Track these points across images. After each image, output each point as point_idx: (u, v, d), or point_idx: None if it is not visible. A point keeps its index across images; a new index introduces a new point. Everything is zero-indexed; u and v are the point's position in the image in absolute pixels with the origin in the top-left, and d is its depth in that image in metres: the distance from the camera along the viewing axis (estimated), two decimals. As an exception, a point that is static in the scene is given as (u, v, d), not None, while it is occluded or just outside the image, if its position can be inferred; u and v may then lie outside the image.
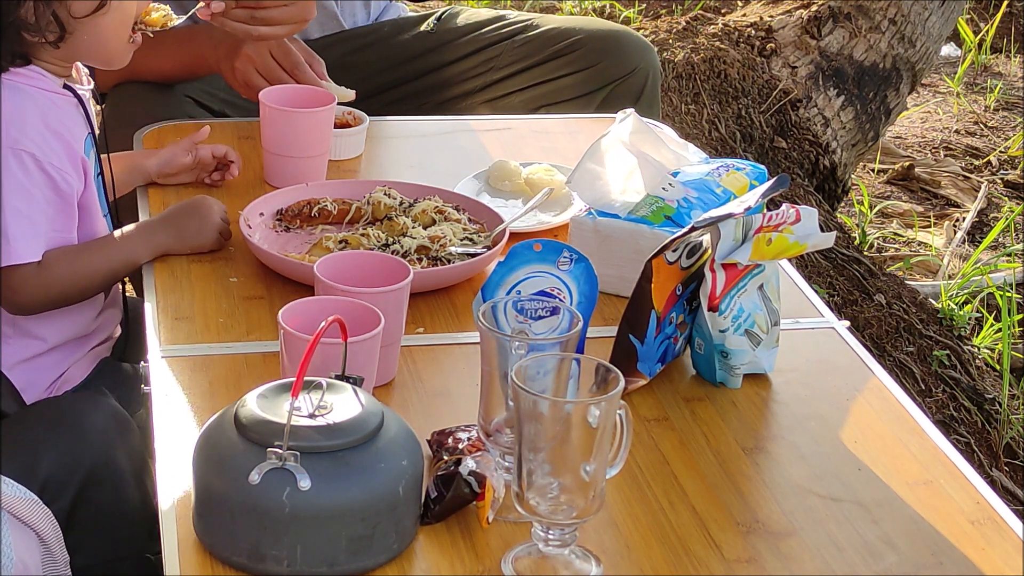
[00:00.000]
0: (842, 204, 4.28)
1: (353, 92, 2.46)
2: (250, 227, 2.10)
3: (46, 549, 1.74)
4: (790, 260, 2.10)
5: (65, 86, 2.02)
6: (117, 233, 2.07)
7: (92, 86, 2.09)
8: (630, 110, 2.14)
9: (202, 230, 2.07)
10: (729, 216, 1.77)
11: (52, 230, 1.98)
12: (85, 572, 1.87)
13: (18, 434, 1.88)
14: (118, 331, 2.19)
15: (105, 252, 2.04)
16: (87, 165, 2.02)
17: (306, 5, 2.36)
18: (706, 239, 1.81)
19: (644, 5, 5.38)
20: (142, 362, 2.08)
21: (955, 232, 4.32)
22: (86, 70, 2.11)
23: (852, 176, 4.21)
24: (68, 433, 1.87)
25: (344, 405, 1.48)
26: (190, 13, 2.38)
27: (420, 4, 2.93)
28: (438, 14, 2.88)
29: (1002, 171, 4.77)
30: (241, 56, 2.47)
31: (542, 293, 1.70)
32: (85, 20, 1.95)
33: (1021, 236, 4.31)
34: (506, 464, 1.55)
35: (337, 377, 1.54)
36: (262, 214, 2.16)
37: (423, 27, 2.85)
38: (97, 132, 2.09)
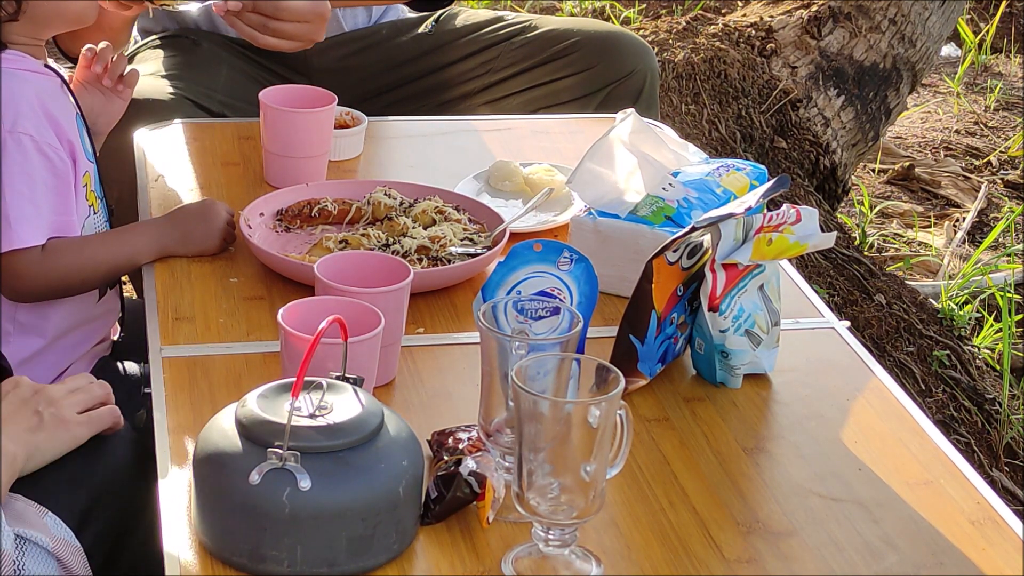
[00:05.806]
0: (842, 204, 4.28)
1: None
2: (250, 227, 2.10)
3: None
4: (790, 260, 2.10)
5: (46, 66, 2.03)
6: (123, 229, 2.07)
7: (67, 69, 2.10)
8: (630, 110, 2.14)
9: (208, 235, 2.07)
10: (729, 216, 1.77)
11: (54, 213, 1.98)
12: None
13: (54, 467, 1.73)
14: (117, 332, 2.18)
15: (110, 246, 2.04)
16: (75, 148, 2.02)
17: (318, 28, 2.40)
18: (707, 239, 1.81)
19: (644, 5, 5.38)
20: (142, 362, 2.08)
21: (955, 232, 4.32)
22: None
23: (852, 176, 4.21)
24: (101, 467, 1.76)
25: (344, 405, 1.48)
26: (205, 4, 2.40)
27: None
28: (436, 15, 2.87)
29: (1002, 171, 4.77)
30: None
31: (542, 293, 1.70)
32: None
33: (1021, 236, 4.31)
34: (506, 464, 1.55)
35: (337, 377, 1.53)
36: (262, 214, 2.16)
37: (421, 29, 2.84)
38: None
